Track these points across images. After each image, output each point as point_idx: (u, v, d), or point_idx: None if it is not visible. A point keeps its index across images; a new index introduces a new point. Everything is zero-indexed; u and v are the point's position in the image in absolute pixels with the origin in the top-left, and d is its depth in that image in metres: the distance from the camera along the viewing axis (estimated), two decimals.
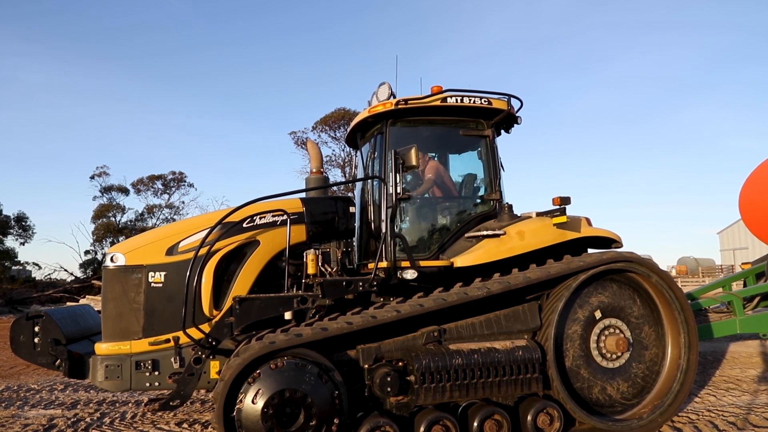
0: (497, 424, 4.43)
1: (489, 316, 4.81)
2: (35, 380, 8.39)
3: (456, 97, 5.43)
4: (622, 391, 4.97)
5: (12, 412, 6.36)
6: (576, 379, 4.85)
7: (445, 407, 4.52)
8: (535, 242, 5.18)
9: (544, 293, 5.00)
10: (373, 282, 4.87)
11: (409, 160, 4.73)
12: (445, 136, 5.95)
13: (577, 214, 5.44)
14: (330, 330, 4.30)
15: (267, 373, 4.08)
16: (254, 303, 4.80)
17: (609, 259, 4.97)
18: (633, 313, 5.09)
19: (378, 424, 4.23)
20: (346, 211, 5.71)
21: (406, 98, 5.40)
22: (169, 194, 41.38)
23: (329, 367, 4.29)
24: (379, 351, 4.53)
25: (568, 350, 4.87)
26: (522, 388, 4.58)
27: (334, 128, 33.45)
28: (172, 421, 5.74)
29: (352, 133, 6.24)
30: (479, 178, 5.84)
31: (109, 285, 4.97)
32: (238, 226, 5.14)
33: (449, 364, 4.40)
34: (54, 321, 5.01)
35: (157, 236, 5.22)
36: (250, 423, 3.98)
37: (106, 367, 4.77)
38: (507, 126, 5.95)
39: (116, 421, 5.82)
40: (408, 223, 5.68)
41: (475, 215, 5.60)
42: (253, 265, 5.15)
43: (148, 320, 4.85)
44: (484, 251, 5.08)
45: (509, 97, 5.61)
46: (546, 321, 4.82)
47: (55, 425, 5.69)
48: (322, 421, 4.08)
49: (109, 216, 38.77)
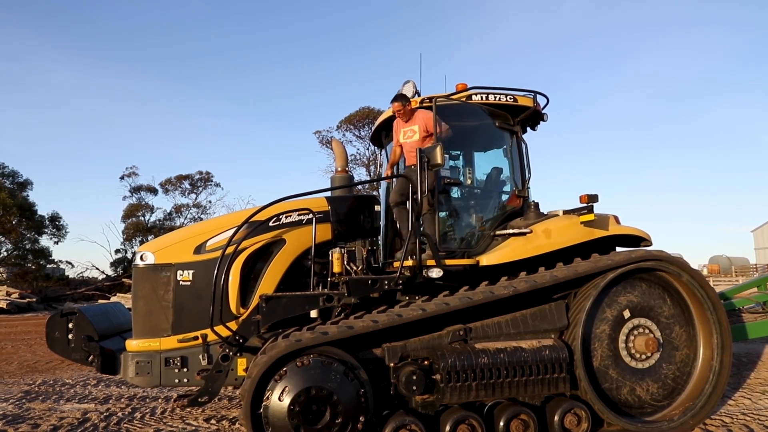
0: (524, 424, 4.39)
1: (515, 315, 4.77)
2: (70, 375, 8.60)
3: (481, 94, 5.39)
4: (652, 392, 4.88)
5: (48, 405, 6.54)
6: (604, 380, 4.78)
7: (470, 406, 4.50)
8: (562, 241, 5.12)
9: (572, 292, 4.93)
10: (399, 280, 4.87)
11: (434, 159, 4.71)
12: (471, 133, 5.91)
13: (604, 212, 5.36)
14: (356, 328, 4.32)
15: (293, 371, 4.11)
16: (280, 301, 4.84)
17: (638, 258, 4.88)
18: (663, 313, 4.99)
19: (403, 423, 4.23)
20: (371, 210, 5.73)
21: (431, 96, 5.39)
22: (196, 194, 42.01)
23: (355, 365, 4.30)
24: (405, 349, 4.53)
25: (596, 350, 4.80)
26: (549, 387, 4.53)
27: (358, 127, 33.51)
28: (201, 417, 5.83)
29: (377, 132, 6.25)
30: (505, 175, 5.80)
31: (139, 283, 5.07)
32: (264, 225, 5.19)
33: (475, 363, 4.38)
34: (87, 318, 5.13)
35: (185, 235, 5.30)
36: (276, 420, 4.02)
37: (136, 364, 4.86)
38: (533, 123, 5.90)
39: (146, 416, 5.93)
40: None
41: (502, 213, 5.56)
42: (279, 263, 5.20)
43: (176, 318, 4.93)
44: (511, 249, 5.03)
45: (535, 94, 5.55)
46: (573, 320, 4.76)
47: (89, 419, 5.83)
48: (348, 419, 4.10)
49: (139, 215, 39.52)
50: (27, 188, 34.14)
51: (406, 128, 5.66)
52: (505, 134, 5.75)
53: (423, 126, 5.51)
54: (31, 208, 32.09)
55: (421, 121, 5.53)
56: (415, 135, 5.55)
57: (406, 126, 5.66)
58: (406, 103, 5.58)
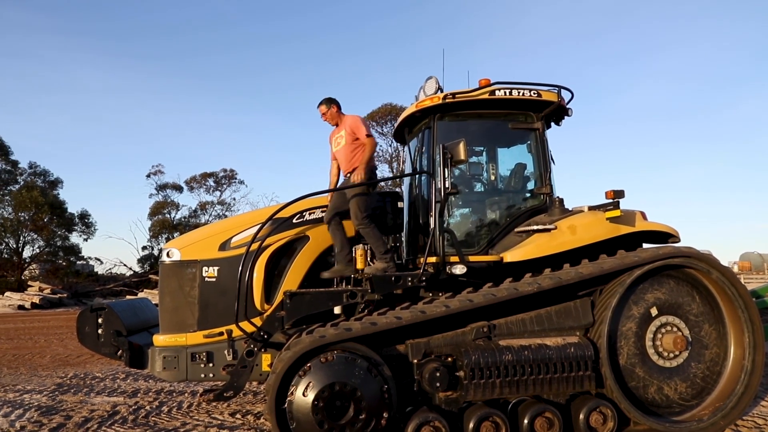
0: (548, 422, 4.36)
1: (539, 312, 4.73)
2: (99, 369, 8.79)
3: (505, 90, 5.34)
4: (680, 391, 4.79)
5: (80, 398, 6.70)
6: (630, 378, 4.71)
7: (494, 403, 4.48)
8: (588, 237, 5.05)
9: (597, 289, 4.87)
10: (422, 277, 4.87)
11: (457, 155, 4.68)
12: (494, 129, 5.86)
13: (631, 208, 5.27)
14: (379, 324, 4.33)
15: (317, 367, 4.14)
16: (304, 297, 4.88)
17: (666, 255, 4.79)
18: (692, 311, 4.89)
19: (427, 419, 4.23)
20: (394, 206, 5.73)
21: (454, 92, 5.36)
22: (220, 191, 42.42)
23: (378, 361, 4.32)
24: (428, 346, 4.53)
25: (622, 348, 4.73)
26: (574, 385, 4.48)
27: (381, 123, 33.49)
28: (226, 411, 5.90)
29: (400, 128, 6.24)
30: (529, 171, 5.74)
31: (166, 279, 5.16)
32: (288, 222, 5.23)
33: (499, 360, 4.36)
34: (116, 313, 5.24)
35: (210, 232, 5.37)
36: (301, 415, 4.06)
37: (163, 358, 4.95)
38: (557, 118, 5.82)
39: (174, 410, 6.04)
40: (457, 218, 5.65)
41: (525, 210, 5.50)
42: (303, 260, 5.24)
43: (202, 313, 5.00)
44: (535, 246, 4.98)
45: (559, 89, 5.48)
46: (599, 318, 4.70)
47: (118, 412, 5.95)
48: (372, 415, 4.12)
49: (165, 213, 40.07)
50: (57, 187, 34.96)
51: (337, 135, 5.59)
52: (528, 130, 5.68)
53: (349, 131, 5.39)
54: (61, 206, 32.81)
55: (347, 125, 5.43)
56: (343, 140, 5.47)
57: (337, 133, 5.59)
58: (330, 106, 5.51)
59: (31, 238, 31.93)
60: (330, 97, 5.60)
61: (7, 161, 33.39)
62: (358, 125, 5.36)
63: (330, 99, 5.59)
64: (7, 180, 33.20)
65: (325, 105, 5.55)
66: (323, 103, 5.58)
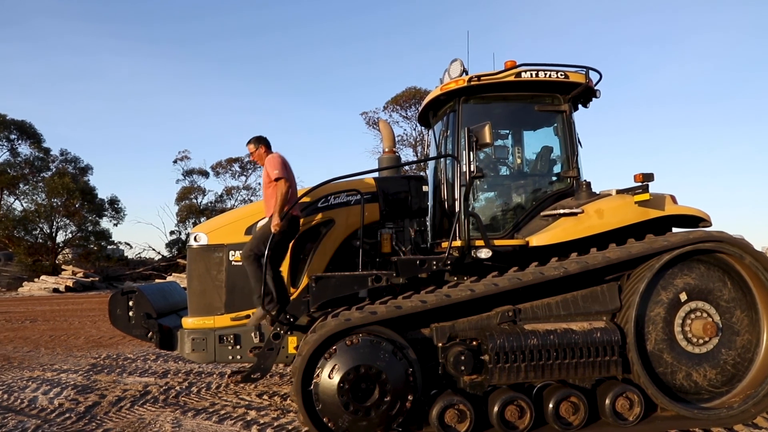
0: (573, 407, 4.34)
1: (566, 296, 4.68)
2: (131, 350, 9.03)
3: (531, 72, 5.25)
4: (710, 378, 4.71)
5: (113, 378, 6.90)
6: (658, 364, 4.65)
7: (519, 387, 4.47)
8: (615, 221, 4.97)
9: (625, 274, 4.79)
10: (447, 261, 4.86)
11: (482, 138, 4.63)
12: (520, 112, 5.78)
13: (660, 192, 5.16)
14: (404, 308, 4.34)
15: (343, 350, 4.18)
16: (330, 281, 4.91)
17: (696, 239, 4.68)
18: (723, 297, 4.79)
19: (452, 402, 4.25)
20: (419, 190, 5.72)
21: (479, 74, 5.29)
22: (246, 176, 42.81)
23: (403, 344, 4.34)
24: (453, 330, 4.53)
25: (649, 333, 4.67)
26: (600, 370, 4.44)
27: (405, 107, 33.29)
28: (254, 393, 6.02)
29: (425, 112, 6.20)
30: (555, 154, 5.66)
31: (194, 263, 5.25)
32: (313, 206, 5.26)
33: (524, 344, 4.34)
34: (146, 296, 5.37)
35: (236, 216, 5.44)
36: (326, 397, 4.11)
37: (192, 340, 5.06)
38: (585, 100, 5.72)
39: (203, 390, 6.17)
40: (482, 202, 5.61)
41: (552, 193, 5.43)
42: (328, 244, 5.27)
43: (229, 297, 5.09)
44: (561, 230, 4.93)
45: (587, 70, 5.37)
46: (626, 302, 4.64)
47: (150, 392, 6.12)
48: (397, 397, 4.15)
49: (191, 198, 40.69)
50: (87, 173, 35.76)
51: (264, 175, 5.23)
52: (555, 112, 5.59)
53: (266, 172, 5.07)
54: (92, 191, 33.56)
55: (266, 166, 5.09)
56: (264, 181, 5.19)
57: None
58: (258, 146, 5.21)
59: (64, 223, 32.79)
60: (259, 136, 5.29)
61: (40, 149, 34.30)
62: (271, 166, 4.98)
63: (259, 138, 5.28)
64: (40, 167, 34.09)
65: (254, 144, 5.27)
66: (251, 142, 5.29)
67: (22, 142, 33.52)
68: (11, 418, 5.27)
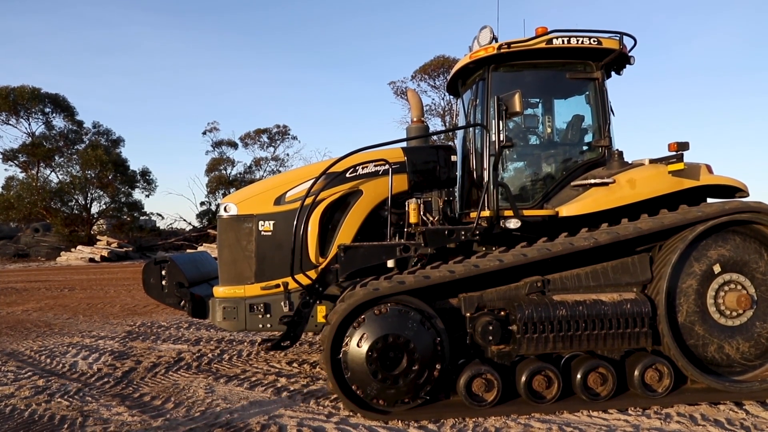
0: (602, 378, 4.34)
1: (595, 267, 4.63)
2: (164, 318, 9.29)
3: (562, 38, 5.11)
4: (743, 351, 4.64)
5: (148, 345, 7.13)
6: (689, 336, 4.59)
7: (547, 358, 4.48)
8: (648, 191, 4.86)
9: (656, 245, 4.71)
10: (476, 231, 4.84)
11: (512, 107, 4.54)
12: (551, 80, 5.64)
13: (695, 161, 5.02)
14: (432, 278, 4.36)
15: (371, 319, 4.23)
16: (358, 251, 4.95)
17: (732, 210, 4.56)
18: (759, 269, 4.67)
19: (479, 372, 4.29)
20: (447, 160, 5.67)
21: (509, 41, 5.16)
22: (274, 147, 43.12)
23: (431, 314, 4.37)
24: (481, 300, 4.54)
25: (681, 305, 4.60)
26: (629, 342, 4.41)
27: (433, 77, 32.87)
28: (284, 360, 6.15)
29: (453, 81, 6.10)
30: (586, 123, 5.54)
31: (224, 233, 5.33)
32: (342, 176, 5.26)
33: (553, 315, 4.33)
34: (178, 266, 5.48)
35: (265, 187, 5.48)
36: (355, 365, 4.18)
37: (223, 309, 5.17)
38: (618, 67, 5.55)
39: (234, 357, 6.34)
40: (511, 172, 5.54)
41: (582, 163, 5.33)
42: (357, 214, 5.28)
43: (259, 266, 5.16)
44: (592, 200, 4.85)
45: (621, 36, 5.20)
46: (657, 274, 4.57)
47: (183, 359, 6.30)
48: (425, 366, 4.20)
49: (221, 169, 41.17)
50: (119, 145, 36.34)
51: None
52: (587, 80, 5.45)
53: None
54: (124, 163, 34.17)
55: None
56: None
57: None
58: None
59: (98, 194, 33.57)
60: None
61: (73, 122, 34.90)
62: None
63: None
64: (74, 140, 34.76)
65: None
66: None
67: (56, 115, 34.14)
68: (54, 381, 5.50)
